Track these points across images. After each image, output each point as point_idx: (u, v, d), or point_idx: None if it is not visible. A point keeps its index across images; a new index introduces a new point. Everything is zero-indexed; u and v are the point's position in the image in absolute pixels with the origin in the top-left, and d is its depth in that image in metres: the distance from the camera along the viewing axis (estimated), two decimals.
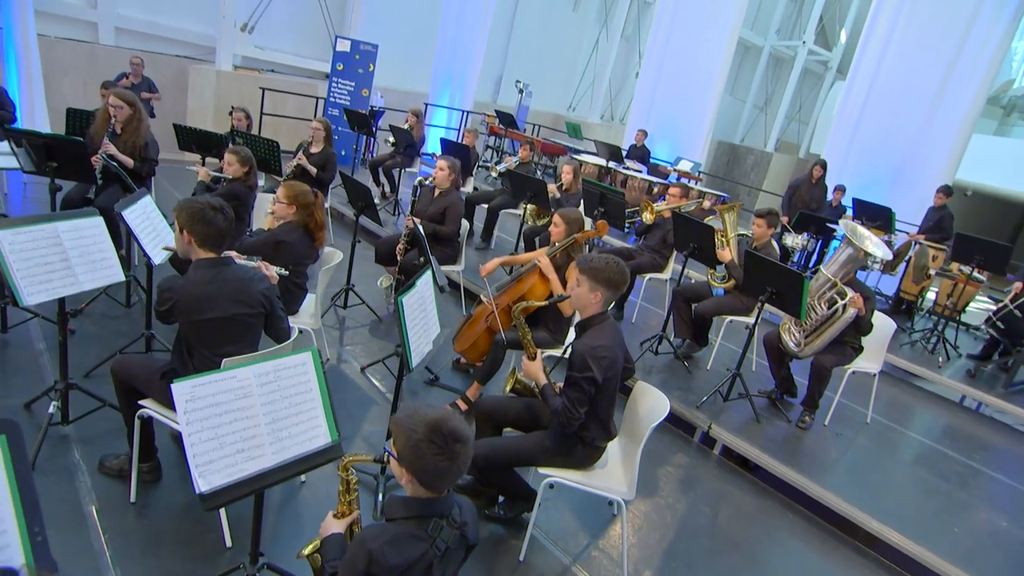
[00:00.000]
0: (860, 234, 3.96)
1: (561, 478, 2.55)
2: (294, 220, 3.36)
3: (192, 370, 2.33)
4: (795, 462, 3.72)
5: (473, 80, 11.76)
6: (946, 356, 5.73)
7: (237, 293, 2.33)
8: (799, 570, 3.09)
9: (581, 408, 2.42)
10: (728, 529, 3.27)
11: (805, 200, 7.70)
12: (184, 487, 2.67)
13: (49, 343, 3.46)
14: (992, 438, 4.82)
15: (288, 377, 1.88)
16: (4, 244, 2.33)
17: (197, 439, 1.64)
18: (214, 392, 1.70)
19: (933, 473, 3.98)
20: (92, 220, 2.70)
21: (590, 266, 2.45)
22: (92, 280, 2.63)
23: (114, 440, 2.80)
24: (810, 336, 4.07)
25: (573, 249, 3.74)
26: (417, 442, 1.40)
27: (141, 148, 4.53)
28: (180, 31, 10.53)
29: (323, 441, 1.92)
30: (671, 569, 2.84)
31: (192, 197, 2.35)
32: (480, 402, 2.86)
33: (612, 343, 2.45)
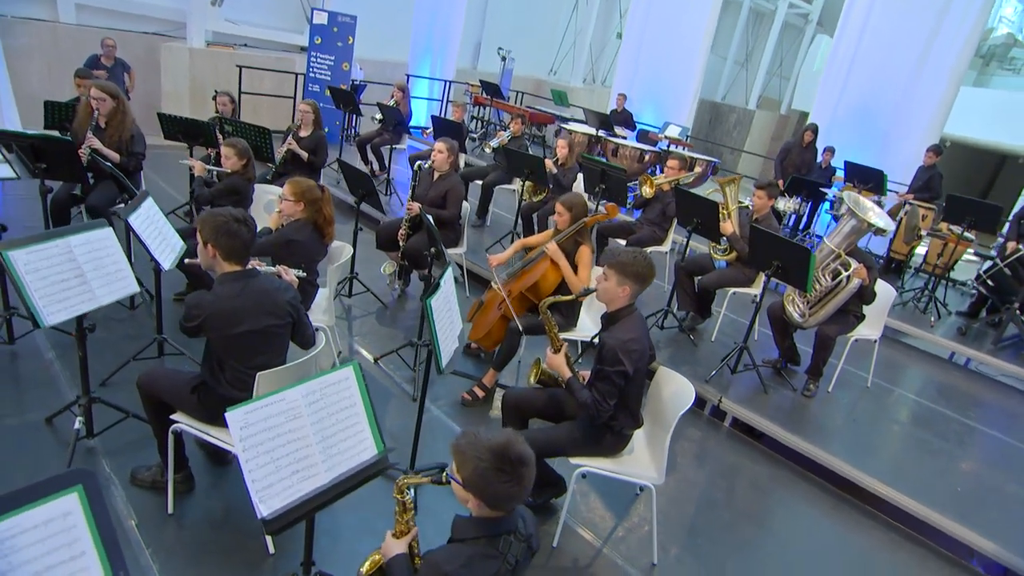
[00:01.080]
0: (863, 205, 4.01)
1: (593, 467, 2.61)
2: (303, 217, 3.30)
3: (224, 384, 2.32)
4: (803, 430, 3.84)
5: (454, 49, 11.47)
6: (937, 315, 5.88)
7: (265, 305, 2.31)
8: (812, 536, 3.22)
9: (611, 400, 2.46)
10: (744, 501, 3.40)
11: (796, 163, 7.74)
12: (218, 494, 2.70)
13: (58, 352, 3.41)
14: (984, 394, 5.01)
15: (333, 393, 1.88)
16: (19, 264, 2.27)
17: (254, 464, 1.65)
18: (266, 416, 1.71)
19: (933, 433, 4.13)
20: (103, 232, 2.63)
21: (618, 261, 2.47)
22: (109, 293, 2.58)
23: (141, 450, 2.80)
24: (814, 307, 4.15)
25: (580, 234, 3.74)
26: (484, 471, 1.43)
27: (128, 142, 4.40)
28: (146, 6, 10.07)
29: (371, 453, 1.94)
30: (695, 545, 2.95)
31: (214, 209, 2.30)
32: (506, 396, 2.89)
33: (641, 335, 2.49)
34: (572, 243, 3.72)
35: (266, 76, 9.38)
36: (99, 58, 7.52)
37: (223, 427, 2.35)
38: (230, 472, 2.83)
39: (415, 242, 4.68)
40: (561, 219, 3.75)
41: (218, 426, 2.37)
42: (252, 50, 10.49)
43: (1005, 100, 14.54)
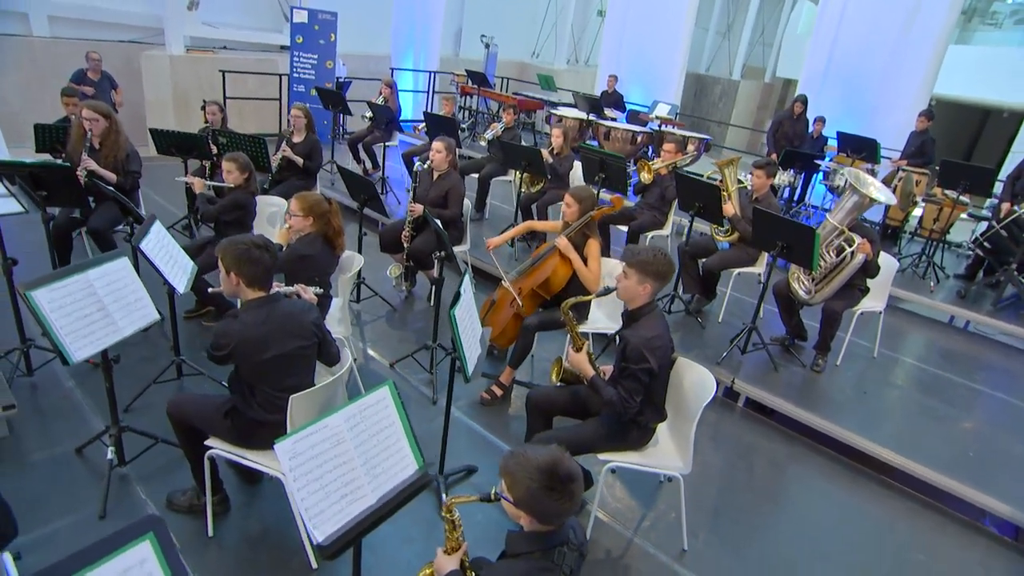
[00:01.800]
0: (864, 181, 4.05)
1: (621, 462, 2.66)
2: (312, 231, 3.30)
3: (256, 408, 2.35)
4: (815, 406, 3.92)
5: (436, 39, 11.35)
6: (936, 280, 5.97)
7: (291, 328, 2.33)
8: (832, 510, 3.30)
9: (637, 397, 2.51)
10: (763, 480, 3.48)
11: (788, 135, 7.77)
12: (254, 513, 2.73)
13: (77, 380, 3.42)
14: (987, 356, 5.11)
15: (372, 415, 1.91)
16: (43, 303, 2.27)
17: (305, 492, 1.68)
18: (312, 444, 1.74)
19: (941, 400, 4.22)
20: (119, 262, 2.63)
21: (638, 260, 2.49)
22: (131, 324, 2.59)
23: (172, 474, 2.83)
24: (820, 284, 4.20)
25: (588, 227, 3.76)
26: (536, 490, 1.47)
27: (123, 161, 4.36)
28: (121, 14, 9.90)
29: (412, 469, 1.98)
30: (721, 527, 3.02)
31: (234, 237, 2.30)
32: (530, 396, 2.93)
33: (663, 332, 2.53)
34: (580, 236, 3.74)
35: (249, 79, 9.28)
36: (85, 72, 7.39)
37: (257, 449, 2.40)
38: (262, 490, 2.87)
39: (420, 243, 4.69)
40: (570, 211, 3.76)
41: (253, 449, 2.40)
42: (232, 53, 10.35)
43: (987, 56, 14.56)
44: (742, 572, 2.78)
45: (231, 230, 4.05)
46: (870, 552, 2.99)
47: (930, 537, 3.15)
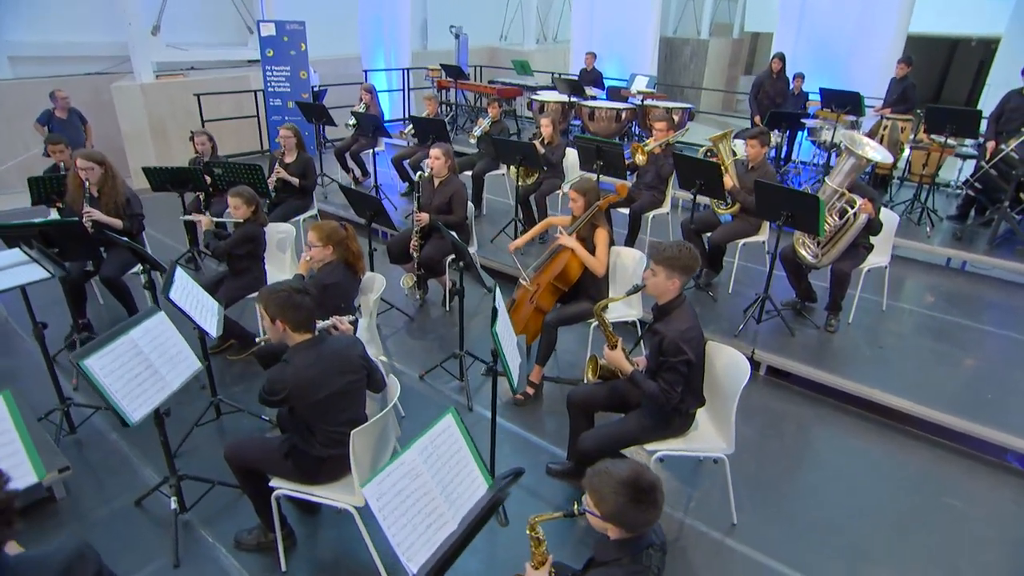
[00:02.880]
0: (859, 142, 4.13)
1: (667, 450, 2.77)
2: (333, 259, 3.34)
3: (317, 446, 2.41)
4: (834, 366, 4.04)
5: (405, 35, 11.23)
6: (931, 224, 6.10)
7: (341, 365, 2.38)
8: (865, 466, 3.43)
9: (678, 388, 2.60)
10: (796, 445, 3.61)
11: (770, 95, 7.81)
12: (320, 543, 2.82)
13: (120, 432, 3.46)
14: (989, 295, 5.26)
15: (442, 443, 1.99)
16: (96, 371, 2.31)
17: (396, 528, 1.77)
18: (393, 483, 1.81)
19: (954, 345, 4.36)
20: (157, 318, 2.67)
21: (664, 256, 2.57)
22: (177, 377, 2.64)
23: (234, 514, 2.91)
24: (826, 246, 4.30)
25: (596, 217, 3.82)
26: (624, 504, 1.56)
27: (124, 205, 4.35)
28: (83, 46, 9.68)
29: (483, 488, 2.07)
30: (762, 498, 3.14)
31: (272, 285, 2.34)
32: (571, 395, 3.02)
33: (696, 322, 2.61)
34: (589, 227, 3.80)
35: (224, 99, 9.14)
36: (52, 112, 7.26)
37: (323, 484, 2.47)
38: (321, 520, 2.94)
39: (429, 250, 4.74)
40: (575, 205, 3.82)
41: (318, 484, 2.47)
42: (202, 73, 10.18)
43: None
44: (790, 538, 2.90)
45: (244, 263, 4.09)
46: (906, 503, 3.13)
47: (961, 481, 3.30)
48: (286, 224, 4.52)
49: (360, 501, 2.41)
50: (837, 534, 2.93)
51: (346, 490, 2.46)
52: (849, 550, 2.84)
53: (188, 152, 9.10)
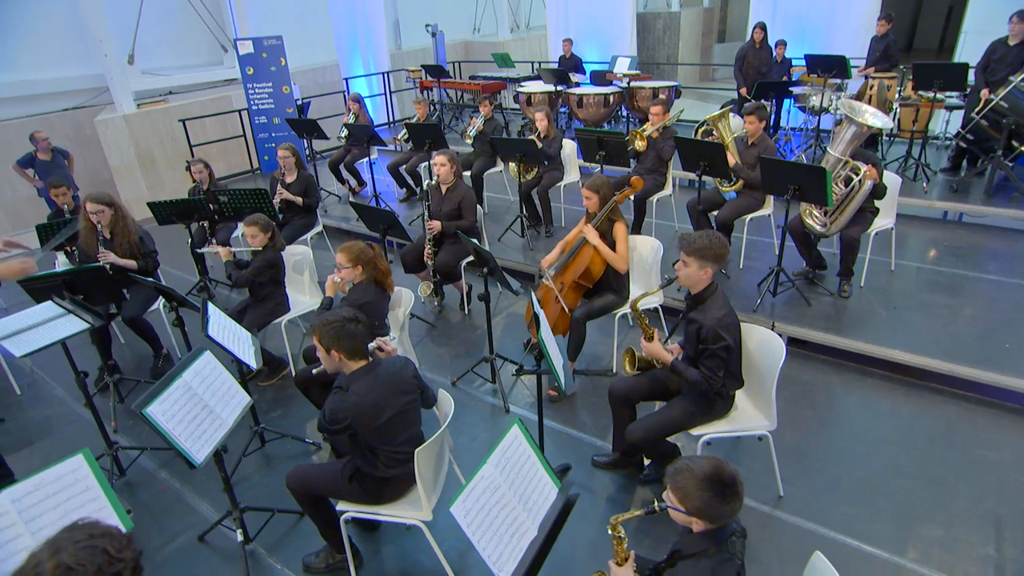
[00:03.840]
0: (858, 109, 4.20)
1: (713, 433, 2.85)
2: (363, 279, 3.38)
3: (381, 467, 2.47)
4: (853, 331, 4.14)
5: (381, 38, 11.17)
6: (926, 179, 6.20)
7: (397, 386, 2.44)
8: (895, 425, 3.53)
9: (720, 373, 2.68)
10: (827, 413, 3.70)
11: (755, 66, 7.86)
12: (386, 558, 2.89)
13: (169, 470, 3.51)
14: (991, 244, 5.38)
15: (513, 454, 2.06)
16: (159, 417, 2.36)
17: (485, 542, 1.83)
18: (476, 498, 1.88)
19: (965, 298, 4.47)
20: (204, 358, 2.71)
21: (695, 247, 2.63)
22: (231, 413, 2.68)
23: (297, 539, 2.98)
24: (833, 215, 4.38)
25: (613, 212, 3.87)
26: (708, 500, 1.64)
27: (137, 245, 4.36)
28: (59, 82, 9.56)
29: (554, 492, 2.14)
30: (804, 467, 3.24)
31: (323, 315, 2.39)
32: (612, 389, 3.09)
33: (730, 308, 2.69)
34: (607, 222, 3.86)
35: (207, 121, 9.08)
36: (35, 154, 7.18)
37: (388, 503, 2.54)
38: (381, 536, 3.01)
39: (444, 257, 4.79)
40: (590, 203, 3.87)
41: (384, 504, 2.54)
42: (183, 96, 10.10)
43: None
44: (836, 503, 3.00)
45: (266, 289, 4.12)
46: (941, 458, 3.24)
47: (989, 432, 3.41)
48: (302, 246, 4.54)
49: (428, 516, 2.48)
50: (881, 496, 3.03)
51: (413, 506, 2.53)
52: (895, 510, 2.94)
53: (178, 180, 9.15)
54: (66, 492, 1.92)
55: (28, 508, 1.84)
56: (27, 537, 1.81)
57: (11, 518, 1.80)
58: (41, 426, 4.00)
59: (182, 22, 10.62)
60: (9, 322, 3.00)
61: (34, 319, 3.01)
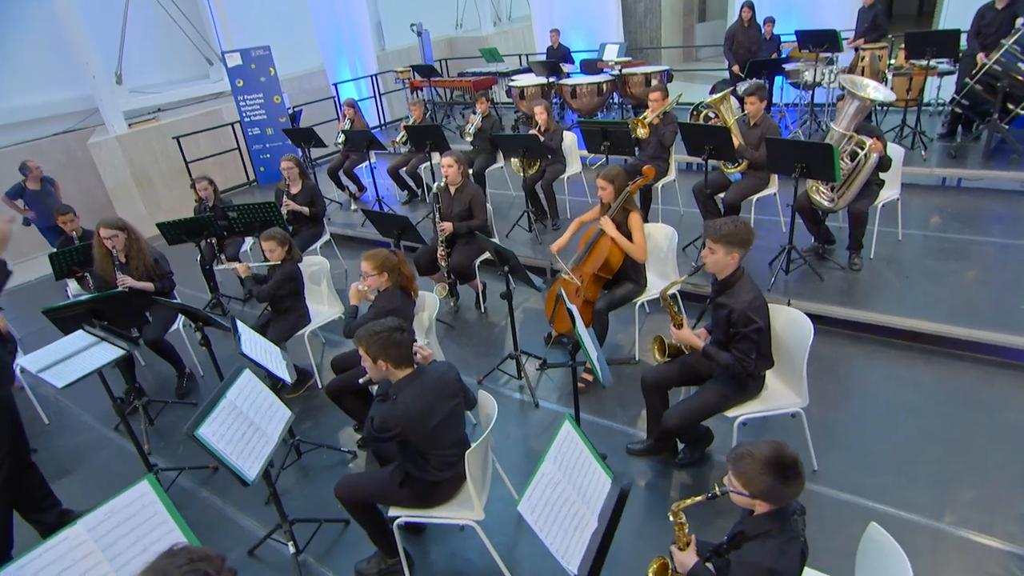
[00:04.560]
0: (860, 84, 4.24)
1: (747, 413, 2.91)
2: (389, 286, 3.41)
3: (432, 471, 2.51)
4: (869, 303, 4.21)
5: (367, 41, 11.12)
6: (924, 147, 6.26)
7: (443, 391, 2.47)
8: (919, 393, 3.59)
9: (752, 356, 2.73)
10: (852, 384, 3.77)
11: (745, 45, 7.89)
12: (436, 559, 2.94)
13: (209, 488, 3.55)
14: (993, 207, 5.45)
15: (567, 449, 2.10)
16: (210, 438, 2.39)
17: (552, 537, 1.88)
18: (540, 494, 1.92)
19: (974, 263, 4.54)
20: (245, 376, 2.74)
21: (721, 234, 2.67)
22: (275, 428, 2.71)
23: (345, 546, 3.02)
24: (840, 189, 4.43)
25: (628, 202, 3.91)
26: (772, 483, 1.69)
27: (152, 267, 4.38)
28: (45, 107, 9.50)
29: (607, 483, 2.19)
30: (834, 441, 3.30)
31: (368, 326, 2.41)
32: (645, 377, 3.14)
33: (759, 291, 2.74)
34: (622, 212, 3.90)
35: (199, 136, 9.03)
36: (24, 184, 7.11)
37: (440, 505, 2.59)
38: (427, 538, 3.05)
39: (458, 258, 4.82)
40: (605, 193, 3.91)
41: (435, 506, 2.58)
42: (173, 113, 10.05)
43: None
44: (871, 473, 3.06)
45: (287, 302, 4.14)
46: (967, 423, 3.30)
47: (1011, 394, 3.48)
48: (318, 257, 4.55)
49: (481, 515, 2.53)
50: (912, 463, 3.10)
51: (463, 507, 2.58)
52: (927, 476, 3.01)
53: (175, 198, 9.14)
54: (136, 518, 1.95)
55: (103, 536, 1.87)
56: (105, 564, 1.85)
57: (88, 547, 1.84)
58: (73, 454, 4.02)
59: (165, 38, 10.55)
60: (45, 354, 3.01)
61: (68, 349, 3.03)
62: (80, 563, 1.81)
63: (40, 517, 3.04)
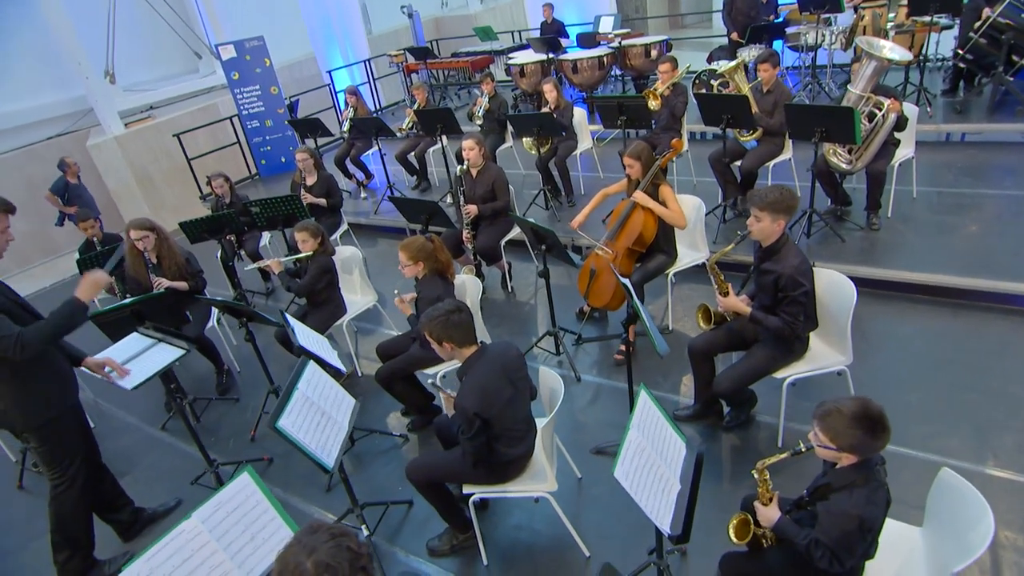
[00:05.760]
0: (877, 45, 4.29)
1: (797, 374, 3.01)
2: (427, 273, 3.46)
3: (503, 449, 2.58)
4: (892, 261, 4.31)
5: (357, 26, 10.98)
6: (928, 104, 6.33)
7: (508, 365, 2.53)
8: (950, 345, 3.70)
9: (800, 318, 2.83)
10: (883, 341, 3.87)
11: (743, 11, 7.86)
12: (501, 533, 3.04)
13: (268, 479, 3.62)
14: (1003, 159, 5.55)
15: (647, 417, 2.20)
16: (290, 428, 2.45)
17: (646, 500, 1.98)
18: (631, 460, 2.01)
19: (991, 216, 4.65)
20: (310, 367, 2.79)
21: (767, 202, 2.74)
22: (344, 416, 2.78)
23: (412, 526, 3.13)
24: (858, 151, 4.50)
25: (656, 176, 3.96)
26: (861, 437, 1.78)
27: (184, 266, 4.39)
28: (38, 110, 9.36)
29: (682, 448, 2.29)
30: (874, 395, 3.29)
31: (428, 312, 2.48)
32: (692, 345, 3.23)
33: (803, 255, 2.82)
34: (652, 187, 3.95)
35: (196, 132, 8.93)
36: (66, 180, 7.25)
37: (512, 480, 2.68)
38: (491, 515, 3.15)
39: (483, 240, 4.87)
40: (633, 170, 3.96)
41: (509, 481, 2.68)
42: (165, 110, 9.92)
43: None
44: (909, 424, 3.16)
45: (324, 294, 4.18)
46: (999, 371, 3.42)
47: None
48: (350, 247, 4.58)
49: (554, 486, 2.63)
50: (950, 413, 3.22)
51: (536, 479, 2.67)
52: (967, 424, 3.14)
53: (177, 195, 9.07)
54: (243, 507, 2.03)
55: (216, 526, 1.95)
56: (220, 553, 1.93)
57: (204, 537, 1.91)
58: (125, 456, 4.08)
59: (151, 34, 10.37)
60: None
61: (129, 352, 3.07)
62: (198, 553, 1.89)
63: (116, 516, 3.12)
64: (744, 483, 3.05)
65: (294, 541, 1.44)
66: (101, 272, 2.85)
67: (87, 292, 2.73)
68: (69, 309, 2.64)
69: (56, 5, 7.79)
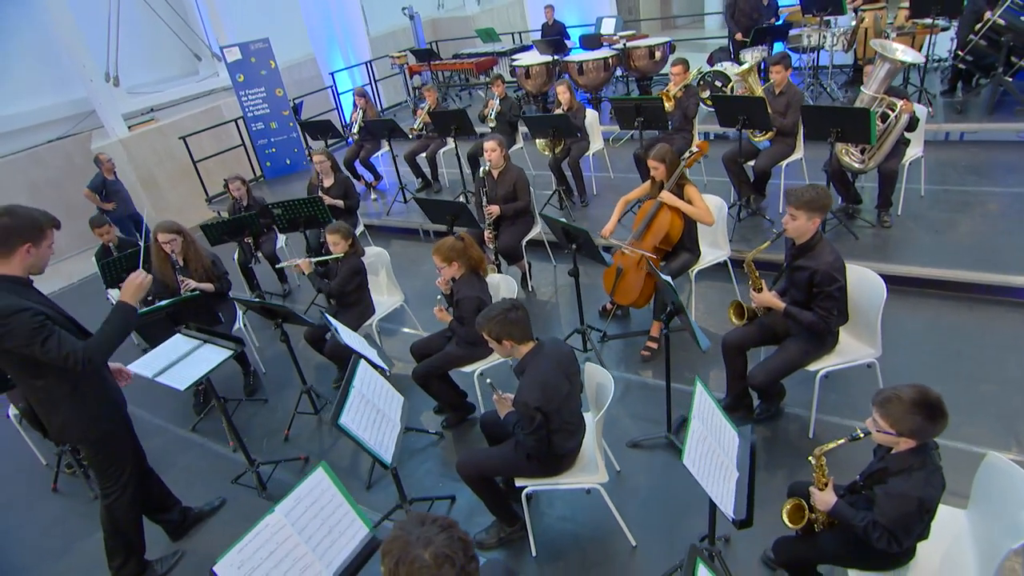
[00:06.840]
0: (890, 47, 4.42)
1: (829, 367, 3.12)
2: (464, 272, 3.53)
3: (557, 442, 2.65)
4: (905, 257, 4.44)
5: (359, 28, 10.98)
6: (930, 104, 6.49)
7: (562, 359, 2.61)
8: (968, 338, 3.83)
9: (834, 312, 2.93)
10: (899, 336, 3.97)
11: (746, 12, 7.99)
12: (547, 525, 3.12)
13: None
14: (1004, 158, 5.72)
15: (705, 409, 2.28)
16: (352, 426, 2.52)
17: (710, 485, 2.07)
18: (695, 448, 2.10)
19: (997, 213, 4.80)
20: (362, 366, 2.86)
21: (803, 200, 2.84)
22: (395, 412, 2.85)
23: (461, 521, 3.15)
24: (871, 150, 4.64)
25: (681, 176, 4.07)
26: (920, 422, 1.88)
27: (210, 268, 4.43)
28: (40, 112, 9.28)
29: (736, 436, 2.39)
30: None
31: (485, 311, 2.55)
32: (725, 340, 3.33)
33: (837, 252, 2.93)
34: (677, 188, 4.05)
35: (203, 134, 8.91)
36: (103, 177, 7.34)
37: (565, 472, 2.76)
38: (538, 504, 3.22)
39: (505, 239, 4.94)
40: (658, 172, 4.06)
41: (561, 473, 2.75)
42: (168, 113, 9.88)
43: None
44: None
45: (354, 295, 4.23)
46: (1015, 362, 3.55)
47: None
48: (376, 247, 4.63)
49: (605, 477, 2.71)
50: (969, 403, 3.33)
51: (587, 471, 2.75)
52: (987, 413, 3.26)
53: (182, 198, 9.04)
54: (319, 502, 2.09)
55: (297, 520, 2.01)
56: (302, 546, 1.99)
57: (287, 531, 1.97)
58: (159, 457, 4.06)
59: (151, 36, 10.31)
60: (152, 359, 3.09)
61: (176, 353, 3.11)
62: (283, 545, 1.95)
63: (166, 516, 3.16)
64: (778, 472, 3.15)
65: (402, 533, 1.44)
66: (143, 273, 2.86)
67: (133, 295, 2.74)
68: (122, 315, 2.66)
69: (60, 6, 7.74)
